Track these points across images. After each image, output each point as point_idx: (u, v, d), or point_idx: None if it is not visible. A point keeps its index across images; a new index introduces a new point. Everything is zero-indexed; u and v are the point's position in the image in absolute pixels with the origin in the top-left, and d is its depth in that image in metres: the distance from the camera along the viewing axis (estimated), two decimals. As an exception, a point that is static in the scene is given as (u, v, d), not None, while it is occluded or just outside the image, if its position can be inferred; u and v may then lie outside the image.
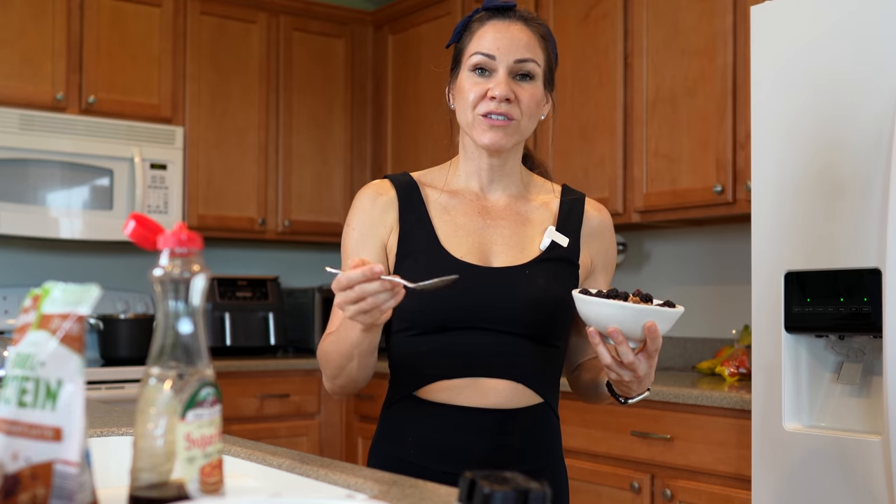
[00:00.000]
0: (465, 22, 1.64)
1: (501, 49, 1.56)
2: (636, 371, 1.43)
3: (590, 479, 2.97)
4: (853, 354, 2.24)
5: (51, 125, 3.74)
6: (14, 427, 0.86)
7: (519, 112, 1.57)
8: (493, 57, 1.56)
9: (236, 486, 1.30)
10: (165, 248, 0.92)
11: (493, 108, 1.55)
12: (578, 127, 3.51)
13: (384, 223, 1.61)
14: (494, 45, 1.57)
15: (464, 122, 1.60)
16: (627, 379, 1.45)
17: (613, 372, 1.44)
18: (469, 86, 1.58)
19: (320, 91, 4.48)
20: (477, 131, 1.57)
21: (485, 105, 1.56)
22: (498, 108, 1.55)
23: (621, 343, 1.39)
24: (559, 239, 1.62)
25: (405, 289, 1.33)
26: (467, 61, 1.59)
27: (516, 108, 1.56)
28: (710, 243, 3.55)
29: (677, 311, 1.42)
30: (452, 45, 1.67)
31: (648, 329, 1.38)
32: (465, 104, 1.59)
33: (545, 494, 0.77)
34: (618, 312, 1.39)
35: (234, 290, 4.21)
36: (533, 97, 1.58)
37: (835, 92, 2.19)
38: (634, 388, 1.49)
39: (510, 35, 1.57)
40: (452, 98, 1.65)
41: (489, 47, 1.57)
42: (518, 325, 1.55)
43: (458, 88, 1.61)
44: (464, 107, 1.59)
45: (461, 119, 1.61)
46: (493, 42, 1.57)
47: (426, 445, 1.57)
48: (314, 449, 4.02)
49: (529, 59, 1.57)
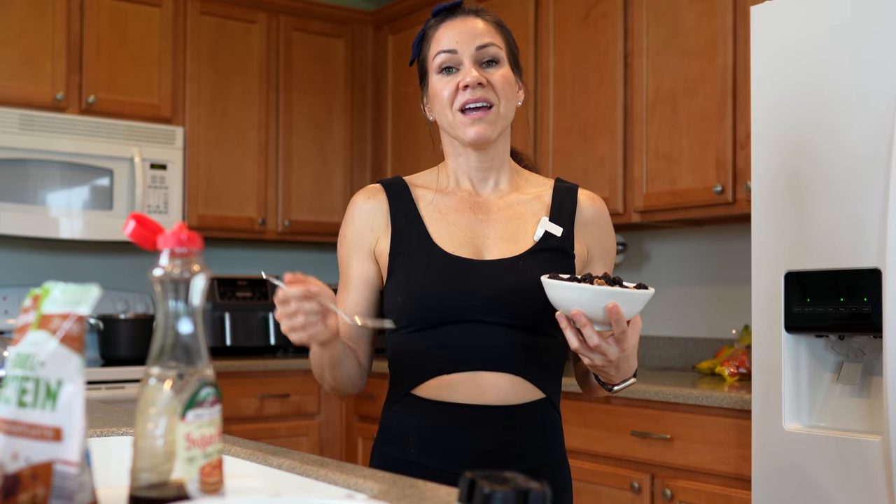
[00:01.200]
0: (420, 35, 1.68)
1: (461, 42, 1.59)
2: (607, 355, 1.43)
3: (590, 479, 2.97)
4: (853, 354, 2.24)
5: (51, 125, 3.74)
6: (14, 427, 0.86)
7: (495, 95, 1.59)
8: (455, 51, 1.59)
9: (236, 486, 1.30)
10: (165, 248, 0.92)
11: (469, 96, 1.57)
12: (578, 127, 3.51)
13: (373, 229, 1.64)
14: (453, 40, 1.60)
15: (446, 124, 1.62)
16: (599, 363, 1.45)
17: (585, 356, 1.45)
18: (440, 87, 1.60)
19: (320, 91, 4.48)
20: (460, 129, 1.59)
21: (460, 97, 1.58)
22: (473, 96, 1.57)
23: (584, 325, 1.40)
24: (553, 229, 1.63)
25: (351, 322, 1.45)
26: (432, 65, 1.62)
27: (491, 91, 1.58)
28: (710, 243, 3.55)
29: (640, 292, 1.41)
30: (415, 60, 1.70)
31: (609, 311, 1.38)
32: (441, 106, 1.61)
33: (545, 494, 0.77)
34: (579, 295, 1.39)
35: (234, 290, 4.21)
36: (504, 78, 1.60)
37: (835, 91, 2.19)
38: (613, 373, 1.49)
39: (466, 28, 1.61)
40: (428, 110, 1.68)
41: (448, 43, 1.60)
42: (513, 315, 1.55)
43: (431, 95, 1.64)
44: (441, 109, 1.61)
45: (443, 123, 1.63)
46: (451, 38, 1.60)
47: (427, 445, 1.57)
48: (314, 449, 4.02)
49: (490, 43, 1.60)
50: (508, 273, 1.57)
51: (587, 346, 1.43)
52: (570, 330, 1.43)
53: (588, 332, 1.41)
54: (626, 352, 1.44)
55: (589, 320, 1.40)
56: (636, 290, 1.41)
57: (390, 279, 1.61)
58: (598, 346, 1.42)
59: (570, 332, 1.43)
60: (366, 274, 1.64)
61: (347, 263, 1.65)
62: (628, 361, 1.48)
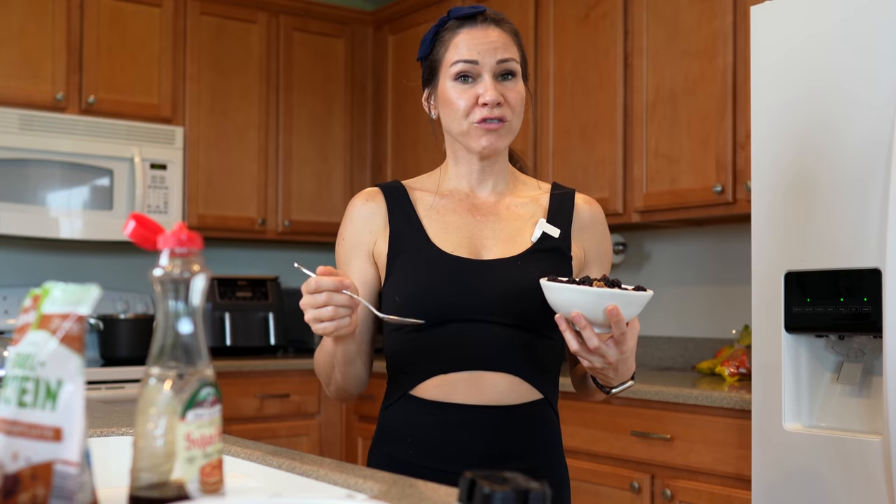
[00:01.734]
0: (434, 32, 1.66)
1: (483, 53, 1.58)
2: (606, 357, 1.43)
3: (590, 479, 2.97)
4: (853, 354, 2.24)
5: (51, 125, 3.74)
6: (14, 427, 0.86)
7: (510, 112, 1.60)
8: (476, 62, 1.58)
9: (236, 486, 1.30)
10: (165, 248, 0.92)
11: (487, 113, 1.57)
12: (578, 127, 3.51)
13: (371, 230, 1.65)
14: (475, 50, 1.59)
15: (456, 130, 1.62)
16: (598, 366, 1.45)
17: (584, 359, 1.45)
18: (456, 95, 1.59)
19: (320, 91, 4.48)
20: (472, 138, 1.60)
21: (479, 112, 1.58)
22: (492, 114, 1.57)
23: (584, 328, 1.40)
24: (550, 230, 1.63)
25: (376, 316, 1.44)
26: (448, 71, 1.61)
27: (507, 108, 1.59)
28: (710, 243, 3.55)
29: (640, 294, 1.41)
30: (425, 57, 1.69)
31: (609, 312, 1.38)
32: (455, 114, 1.60)
33: (545, 494, 0.77)
34: (579, 297, 1.39)
35: (234, 290, 4.21)
36: (519, 95, 1.61)
37: (835, 92, 2.19)
38: (611, 376, 1.49)
39: (488, 39, 1.60)
40: (433, 108, 1.67)
41: (470, 54, 1.59)
42: (511, 315, 1.55)
43: (442, 99, 1.63)
44: (454, 116, 1.61)
45: (452, 128, 1.63)
46: (472, 48, 1.59)
47: (424, 445, 1.57)
48: (314, 449, 4.02)
49: (510, 58, 1.60)
50: (507, 273, 1.57)
51: (587, 349, 1.43)
52: (570, 332, 1.43)
53: (588, 335, 1.41)
54: (625, 354, 1.44)
55: (589, 322, 1.40)
56: (636, 292, 1.41)
57: (388, 280, 1.61)
58: (597, 349, 1.42)
59: (569, 334, 1.43)
60: (364, 275, 1.64)
61: (346, 265, 1.66)
62: (627, 364, 1.48)
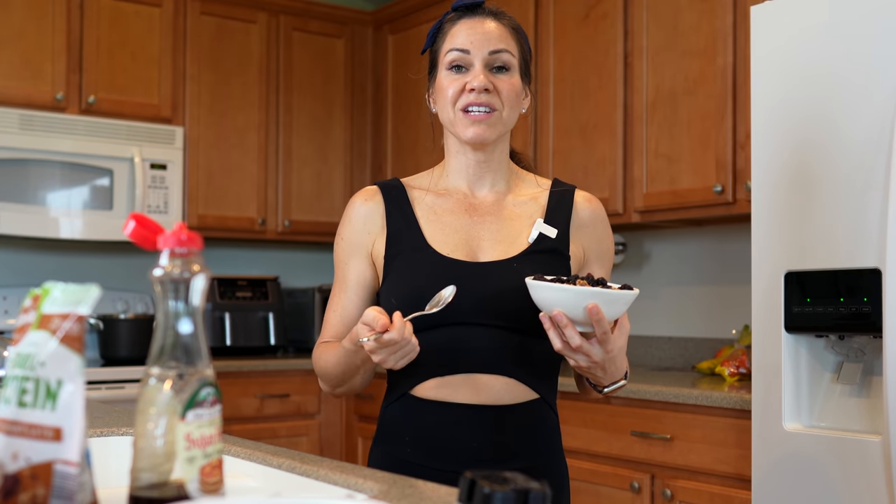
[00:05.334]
0: (437, 25, 1.68)
1: (475, 43, 1.59)
2: (591, 356, 1.43)
3: (590, 479, 2.97)
4: (853, 354, 2.24)
5: (51, 125, 3.74)
6: (14, 427, 0.86)
7: (500, 102, 1.59)
8: (468, 51, 1.60)
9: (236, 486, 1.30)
10: (165, 248, 0.92)
11: (473, 99, 1.58)
12: (578, 127, 3.51)
13: (369, 231, 1.65)
14: (468, 40, 1.60)
15: (446, 119, 1.63)
16: (584, 364, 1.45)
17: (569, 357, 1.45)
18: (447, 83, 1.61)
19: (320, 91, 4.47)
20: (459, 127, 1.60)
21: (464, 98, 1.59)
22: (478, 100, 1.57)
23: (566, 326, 1.40)
24: (547, 231, 1.63)
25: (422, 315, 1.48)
26: (443, 60, 1.62)
27: (496, 97, 1.59)
28: (710, 243, 3.55)
29: (622, 292, 1.40)
30: (428, 50, 1.70)
31: (590, 311, 1.38)
32: (445, 102, 1.61)
33: (545, 494, 0.77)
34: (559, 295, 1.39)
35: (234, 290, 4.21)
36: (512, 87, 1.61)
37: (835, 92, 2.19)
38: (600, 375, 1.49)
39: (483, 30, 1.61)
40: (433, 101, 1.68)
41: (463, 43, 1.60)
42: (507, 318, 1.55)
43: (437, 89, 1.64)
44: (444, 105, 1.62)
45: (443, 118, 1.64)
46: (466, 38, 1.60)
47: (423, 444, 1.57)
48: (314, 449, 4.02)
49: (503, 49, 1.61)
50: (502, 275, 1.57)
51: (570, 348, 1.43)
52: (554, 331, 1.42)
53: (569, 333, 1.40)
54: (612, 353, 1.44)
55: (570, 321, 1.40)
56: (619, 290, 1.40)
57: (385, 281, 1.61)
58: (580, 347, 1.41)
59: (552, 332, 1.43)
60: (362, 276, 1.65)
61: (344, 265, 1.66)
62: (615, 363, 1.47)
